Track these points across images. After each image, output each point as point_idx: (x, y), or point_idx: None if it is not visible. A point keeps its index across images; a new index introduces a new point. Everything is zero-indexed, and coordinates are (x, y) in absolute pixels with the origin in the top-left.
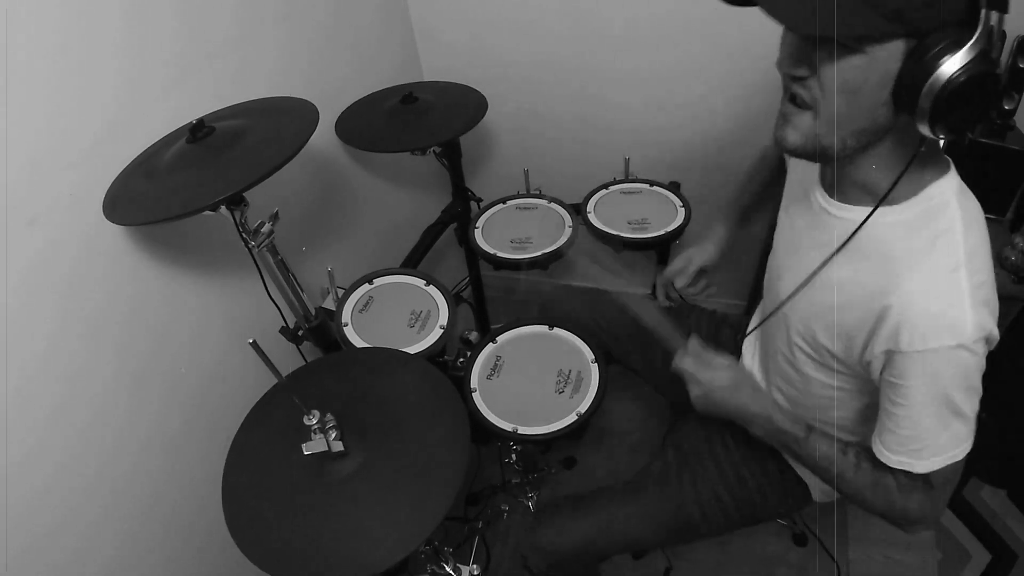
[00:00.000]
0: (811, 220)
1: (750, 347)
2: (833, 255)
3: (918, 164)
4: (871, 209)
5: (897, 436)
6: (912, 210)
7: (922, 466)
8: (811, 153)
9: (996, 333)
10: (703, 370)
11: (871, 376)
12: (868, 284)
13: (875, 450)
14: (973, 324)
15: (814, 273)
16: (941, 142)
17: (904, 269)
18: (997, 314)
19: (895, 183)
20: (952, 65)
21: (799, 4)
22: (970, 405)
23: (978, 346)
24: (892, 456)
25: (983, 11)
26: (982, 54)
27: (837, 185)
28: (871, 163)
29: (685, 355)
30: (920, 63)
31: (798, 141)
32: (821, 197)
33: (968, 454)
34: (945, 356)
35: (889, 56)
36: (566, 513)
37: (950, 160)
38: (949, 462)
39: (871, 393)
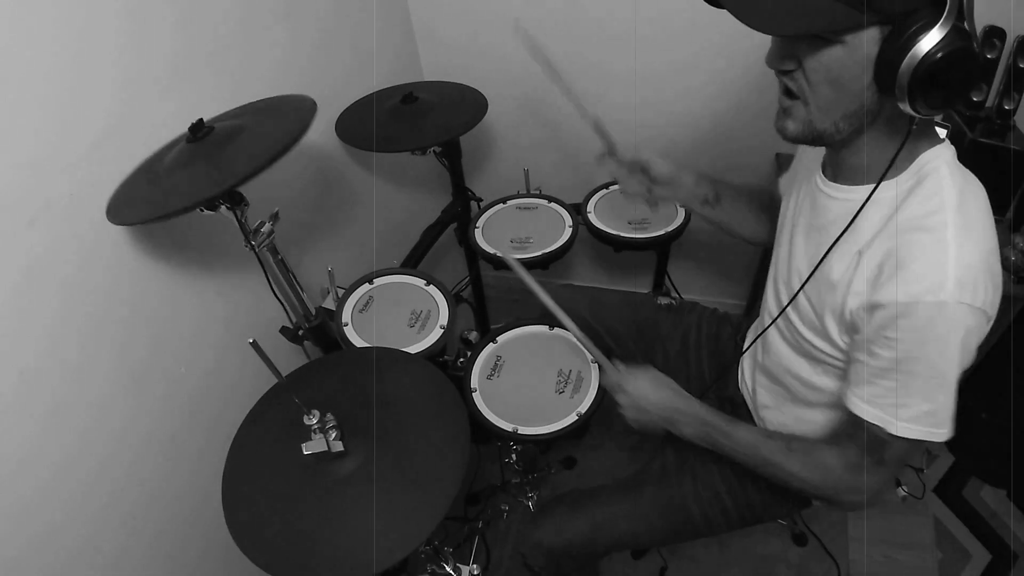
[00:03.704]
0: (811, 203)
1: (751, 343)
2: (843, 232)
3: (912, 139)
4: (873, 187)
5: (876, 387)
6: (908, 181)
7: (898, 428)
8: (809, 139)
9: (990, 307)
10: (625, 379)
11: (854, 336)
12: (868, 257)
13: (849, 403)
14: (955, 282)
15: (828, 251)
16: (939, 132)
17: (899, 229)
18: (996, 290)
19: (892, 161)
20: (924, 45)
21: (771, 7)
22: (952, 381)
23: (960, 310)
24: (869, 408)
25: None
26: (954, 31)
27: (837, 168)
28: (868, 143)
29: (604, 373)
30: (895, 46)
31: (796, 129)
32: (820, 181)
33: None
34: (930, 311)
35: (867, 42)
36: (564, 510)
37: (943, 134)
38: (924, 437)
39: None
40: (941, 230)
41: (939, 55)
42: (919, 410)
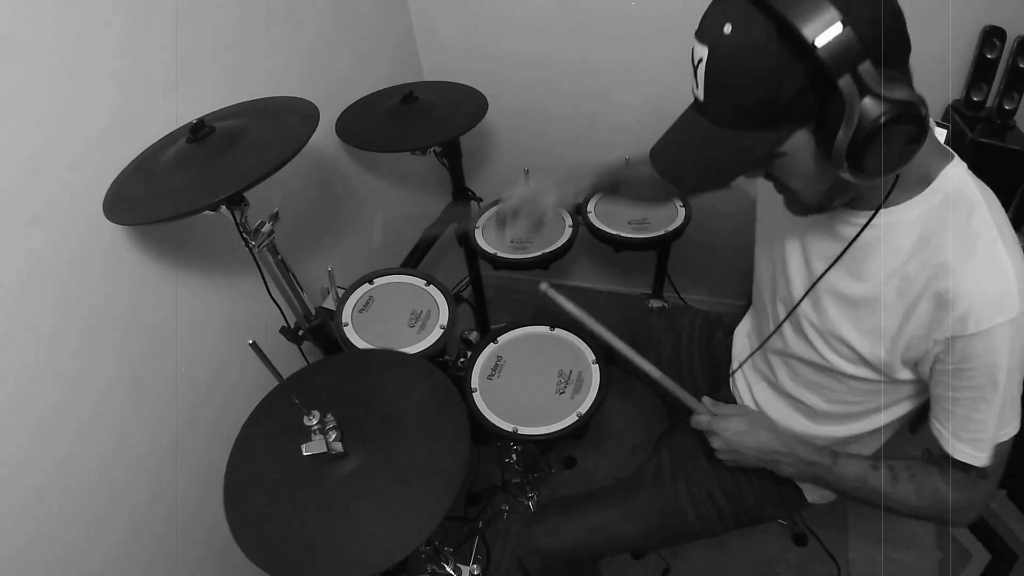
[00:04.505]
0: (825, 232)
1: (744, 349)
2: (841, 254)
3: (926, 155)
4: (872, 213)
5: (967, 421)
6: (933, 198)
7: (983, 457)
8: (814, 212)
9: None
10: (718, 422)
11: (917, 372)
12: (912, 278)
13: (941, 441)
14: (1020, 295)
15: (823, 274)
16: (940, 132)
17: (948, 254)
18: None
19: (889, 193)
20: (859, 127)
21: (692, 166)
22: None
23: None
24: (959, 445)
25: (841, 78)
26: (875, 102)
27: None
28: (864, 186)
29: (698, 415)
30: (826, 137)
31: (799, 210)
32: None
33: None
34: (1006, 331)
35: (804, 139)
36: (560, 514)
37: (951, 150)
38: (1009, 436)
39: (907, 390)
40: (993, 248)
41: (871, 130)
42: (1004, 418)
